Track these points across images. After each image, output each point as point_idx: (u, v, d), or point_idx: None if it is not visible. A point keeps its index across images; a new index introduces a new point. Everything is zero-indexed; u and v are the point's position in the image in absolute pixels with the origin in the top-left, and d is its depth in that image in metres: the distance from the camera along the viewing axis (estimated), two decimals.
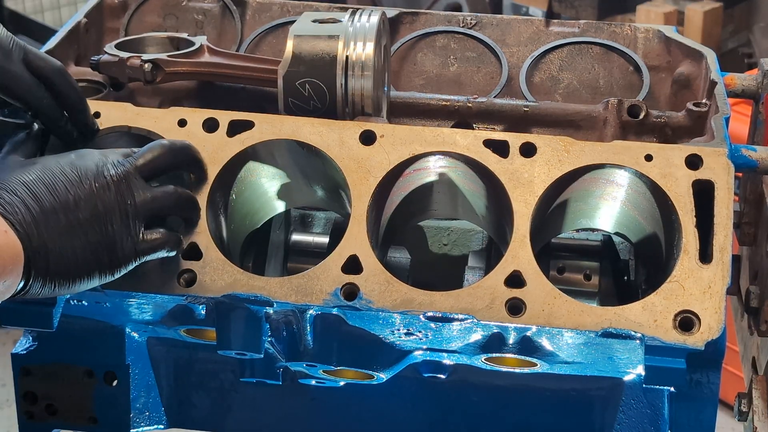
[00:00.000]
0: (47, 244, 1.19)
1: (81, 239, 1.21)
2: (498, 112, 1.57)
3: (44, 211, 1.20)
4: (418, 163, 1.40)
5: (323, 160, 1.39)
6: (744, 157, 1.42)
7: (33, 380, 1.58)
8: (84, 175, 1.24)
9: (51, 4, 5.27)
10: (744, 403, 1.49)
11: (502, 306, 1.29)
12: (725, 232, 1.31)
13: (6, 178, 1.22)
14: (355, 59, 1.41)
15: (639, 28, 1.68)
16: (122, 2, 1.73)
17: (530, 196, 1.34)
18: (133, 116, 1.42)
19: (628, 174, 1.37)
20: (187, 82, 1.58)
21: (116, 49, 1.52)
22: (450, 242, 1.67)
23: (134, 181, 1.28)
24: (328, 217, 1.67)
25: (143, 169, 1.29)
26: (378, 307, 1.30)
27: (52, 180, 1.22)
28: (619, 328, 1.27)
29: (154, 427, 1.66)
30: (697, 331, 1.26)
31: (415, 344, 1.40)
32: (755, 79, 1.59)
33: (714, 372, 1.36)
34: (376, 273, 1.32)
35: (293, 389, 1.57)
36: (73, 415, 1.59)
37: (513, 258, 1.31)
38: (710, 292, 1.28)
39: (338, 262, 1.32)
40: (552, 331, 1.29)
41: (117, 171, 1.27)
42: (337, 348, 1.40)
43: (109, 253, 1.24)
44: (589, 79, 1.65)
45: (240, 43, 1.70)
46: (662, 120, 1.52)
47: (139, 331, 1.56)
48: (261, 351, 1.36)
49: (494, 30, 1.71)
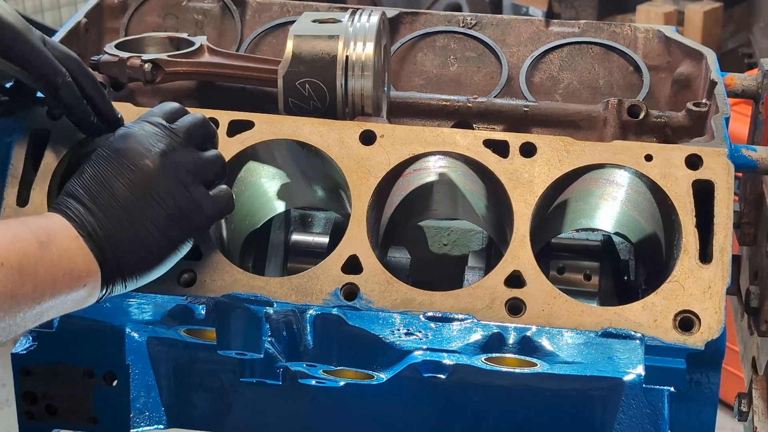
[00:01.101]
0: (115, 241, 1.19)
1: (145, 225, 1.21)
2: (498, 112, 1.57)
3: (101, 208, 1.19)
4: (418, 163, 1.40)
5: (323, 160, 1.39)
6: (744, 157, 1.42)
7: (33, 380, 1.58)
8: (131, 158, 1.22)
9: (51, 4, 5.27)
10: (744, 403, 1.49)
11: (502, 306, 1.29)
12: (725, 232, 1.31)
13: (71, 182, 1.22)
14: (355, 59, 1.41)
15: (639, 28, 1.68)
16: (122, 2, 1.73)
17: (530, 196, 1.34)
18: (133, 116, 1.41)
19: (628, 174, 1.37)
20: (187, 82, 1.58)
21: (116, 49, 1.52)
22: (450, 242, 1.67)
23: (182, 149, 1.26)
24: (328, 217, 1.67)
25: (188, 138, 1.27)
26: (378, 307, 1.30)
27: (101, 174, 1.21)
28: (619, 328, 1.27)
29: (154, 427, 1.66)
30: (697, 331, 1.26)
31: (415, 344, 1.40)
32: (755, 79, 1.59)
33: (714, 372, 1.36)
34: (376, 273, 1.32)
35: (293, 389, 1.57)
36: (73, 415, 1.59)
37: (513, 258, 1.31)
38: (710, 292, 1.28)
39: (338, 262, 1.32)
40: (552, 331, 1.29)
41: (163, 144, 1.25)
42: (337, 348, 1.40)
43: (180, 225, 1.23)
44: (589, 79, 1.65)
45: (240, 43, 1.70)
46: (662, 120, 1.52)
47: (139, 331, 1.56)
48: (261, 351, 1.36)
49: (494, 30, 1.71)
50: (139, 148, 1.23)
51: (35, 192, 1.38)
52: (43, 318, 1.13)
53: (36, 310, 1.10)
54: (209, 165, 1.28)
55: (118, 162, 1.22)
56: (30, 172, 1.40)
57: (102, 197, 1.20)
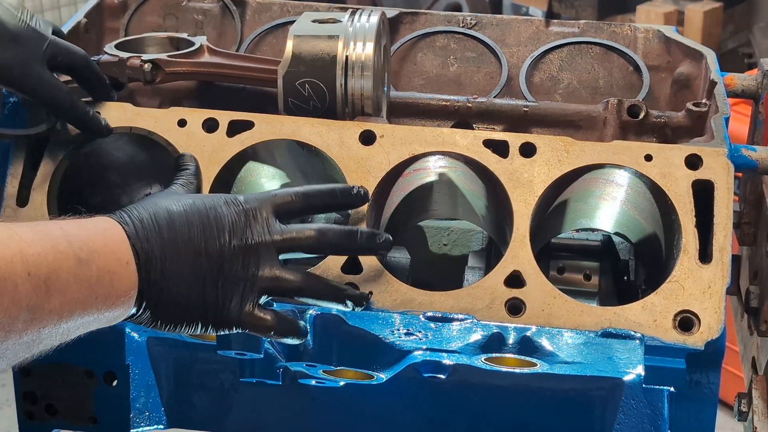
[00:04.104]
0: (163, 284, 1.15)
1: (196, 290, 1.17)
2: (498, 112, 1.57)
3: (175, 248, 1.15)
4: (418, 163, 1.40)
5: (323, 160, 1.39)
6: (744, 157, 1.42)
7: (33, 380, 1.58)
8: (225, 227, 1.19)
9: (51, 4, 5.26)
10: (744, 403, 1.49)
11: (502, 306, 1.29)
12: (725, 232, 1.31)
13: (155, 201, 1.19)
14: (354, 59, 1.41)
15: (639, 28, 1.68)
16: (122, 2, 1.73)
17: (530, 196, 1.34)
18: (133, 116, 1.42)
19: (627, 174, 1.37)
20: (187, 82, 1.58)
21: (116, 49, 1.52)
22: (450, 242, 1.67)
23: (266, 253, 1.21)
24: (328, 217, 1.67)
25: (281, 245, 1.23)
26: (378, 307, 1.30)
27: (195, 220, 1.17)
28: (618, 328, 1.27)
29: (154, 427, 1.66)
30: (697, 331, 1.26)
31: (414, 344, 1.40)
32: (755, 79, 1.59)
33: (714, 372, 1.36)
34: (376, 273, 1.32)
35: (293, 389, 1.57)
36: (73, 415, 1.59)
37: (513, 258, 1.31)
38: (710, 292, 1.28)
39: (338, 262, 1.32)
40: (552, 331, 1.29)
41: (255, 238, 1.20)
42: (337, 348, 1.40)
43: (216, 312, 1.19)
44: (589, 79, 1.65)
45: (240, 43, 1.70)
46: (662, 120, 1.51)
47: (139, 331, 1.56)
48: (261, 351, 1.36)
49: (494, 30, 1.71)
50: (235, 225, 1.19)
51: (35, 192, 1.38)
52: (70, 336, 1.08)
53: (62, 327, 1.05)
54: (276, 281, 1.22)
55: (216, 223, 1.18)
56: (30, 172, 1.40)
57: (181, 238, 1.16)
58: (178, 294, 1.16)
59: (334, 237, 1.26)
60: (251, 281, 1.20)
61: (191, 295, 1.17)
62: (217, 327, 1.21)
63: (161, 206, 1.18)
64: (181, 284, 1.16)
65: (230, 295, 1.19)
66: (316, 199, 1.28)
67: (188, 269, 1.16)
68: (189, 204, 1.19)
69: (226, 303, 1.19)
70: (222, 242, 1.18)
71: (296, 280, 1.23)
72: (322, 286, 1.26)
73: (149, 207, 1.17)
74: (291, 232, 1.23)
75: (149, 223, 1.15)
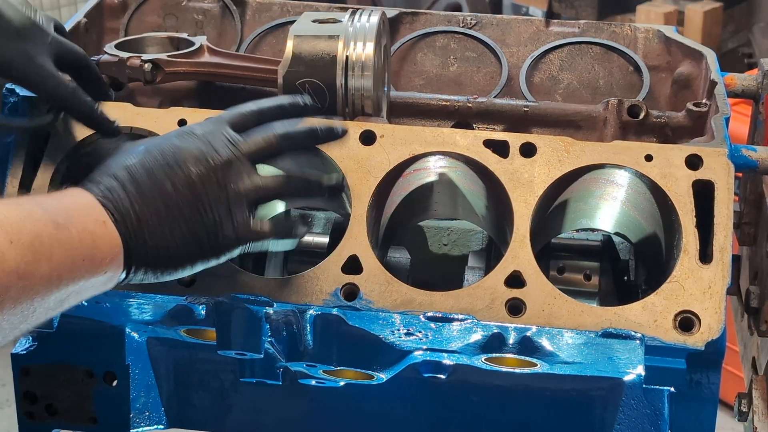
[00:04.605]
0: (146, 234, 1.16)
1: (181, 227, 1.18)
2: (498, 112, 1.57)
3: (143, 197, 1.16)
4: (418, 163, 1.40)
5: (323, 159, 1.39)
6: (744, 157, 1.42)
7: (33, 380, 1.58)
8: (185, 159, 1.20)
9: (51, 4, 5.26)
10: (744, 403, 1.49)
11: (502, 306, 1.29)
12: (725, 232, 1.31)
13: (112, 162, 1.20)
14: (355, 59, 1.41)
15: (639, 28, 1.68)
16: (122, 2, 1.74)
17: (530, 196, 1.34)
18: (133, 116, 1.42)
19: (628, 174, 1.37)
20: (187, 82, 1.58)
21: (116, 49, 1.52)
22: (450, 242, 1.67)
23: (239, 165, 1.22)
24: (328, 217, 1.67)
25: (252, 153, 1.24)
26: (378, 307, 1.30)
27: (152, 164, 1.18)
28: (619, 328, 1.27)
29: (154, 427, 1.66)
30: (697, 331, 1.26)
31: (415, 344, 1.40)
32: (755, 79, 1.59)
33: (714, 372, 1.36)
34: (376, 273, 1.32)
35: (293, 389, 1.57)
36: (73, 415, 1.59)
37: (513, 258, 1.31)
38: (710, 292, 1.28)
39: (338, 262, 1.32)
40: (552, 331, 1.29)
41: (221, 155, 1.21)
42: (337, 348, 1.40)
43: (211, 239, 1.20)
44: (589, 79, 1.65)
45: (240, 43, 1.70)
46: (662, 120, 1.51)
47: (139, 331, 1.56)
48: (261, 351, 1.36)
49: (494, 30, 1.71)
50: (196, 152, 1.21)
51: (35, 192, 1.38)
52: (65, 305, 1.09)
53: (54, 295, 1.06)
54: (259, 189, 1.24)
55: (174, 159, 1.19)
56: (30, 172, 1.40)
57: (146, 186, 1.17)
58: (163, 237, 1.17)
59: (297, 135, 1.28)
60: (234, 197, 1.21)
61: (177, 233, 1.18)
62: (218, 253, 1.21)
63: (118, 165, 1.19)
64: (163, 227, 1.17)
65: (219, 218, 1.20)
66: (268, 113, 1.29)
67: (163, 210, 1.17)
68: (142, 152, 1.20)
69: (218, 226, 1.20)
70: (187, 173, 1.19)
71: (277, 182, 1.25)
72: (302, 182, 1.29)
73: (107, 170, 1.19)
74: (256, 138, 1.25)
75: (111, 183, 1.17)
